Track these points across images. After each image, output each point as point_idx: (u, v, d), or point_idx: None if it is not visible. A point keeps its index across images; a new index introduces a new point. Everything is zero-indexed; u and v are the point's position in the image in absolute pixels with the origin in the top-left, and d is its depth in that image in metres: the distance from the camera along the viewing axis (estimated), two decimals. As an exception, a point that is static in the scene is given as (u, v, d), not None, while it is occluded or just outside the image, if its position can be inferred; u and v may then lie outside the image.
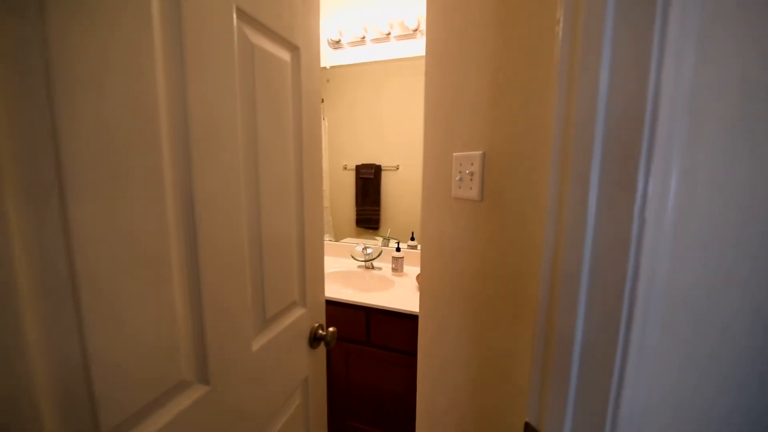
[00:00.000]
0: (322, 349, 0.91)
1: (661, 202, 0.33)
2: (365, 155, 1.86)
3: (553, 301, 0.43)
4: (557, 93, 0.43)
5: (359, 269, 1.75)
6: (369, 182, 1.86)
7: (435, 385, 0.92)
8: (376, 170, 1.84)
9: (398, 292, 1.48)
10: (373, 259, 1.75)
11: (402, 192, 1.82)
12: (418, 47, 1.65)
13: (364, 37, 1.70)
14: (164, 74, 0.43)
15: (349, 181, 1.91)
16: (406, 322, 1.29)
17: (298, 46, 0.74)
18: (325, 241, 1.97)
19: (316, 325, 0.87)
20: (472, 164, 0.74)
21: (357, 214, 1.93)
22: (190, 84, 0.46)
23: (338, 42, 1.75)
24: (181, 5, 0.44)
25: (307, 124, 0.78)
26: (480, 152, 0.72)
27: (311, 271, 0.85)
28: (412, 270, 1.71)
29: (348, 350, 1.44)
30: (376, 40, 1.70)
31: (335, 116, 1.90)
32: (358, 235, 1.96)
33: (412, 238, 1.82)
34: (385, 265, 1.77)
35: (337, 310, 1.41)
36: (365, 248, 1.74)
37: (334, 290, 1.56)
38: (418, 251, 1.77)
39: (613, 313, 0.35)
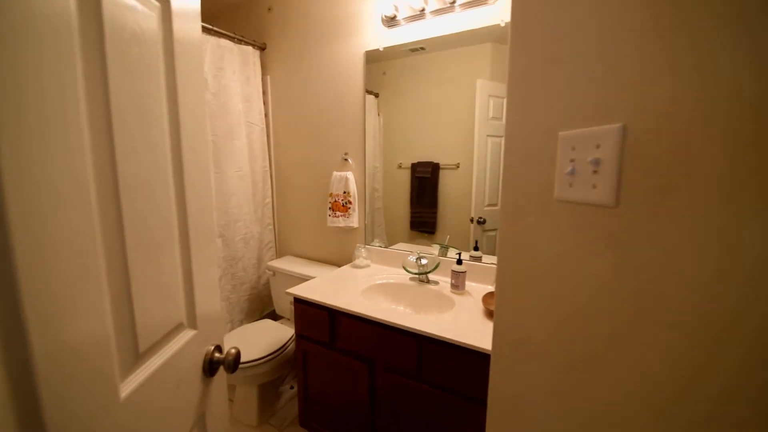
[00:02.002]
0: (222, 375, 0.74)
1: None
2: (422, 152, 1.66)
3: None
4: None
5: (412, 282, 1.50)
6: (425, 182, 1.65)
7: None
8: (433, 169, 1.62)
9: (459, 316, 1.20)
10: (429, 272, 1.48)
11: (463, 194, 1.57)
12: (489, 14, 1.35)
13: (423, 9, 1.45)
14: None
15: (404, 180, 1.71)
16: (469, 358, 1.01)
17: None
18: (375, 248, 1.77)
19: (212, 347, 0.71)
20: (597, 147, 0.45)
21: (411, 217, 1.72)
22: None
23: (393, 18, 1.52)
24: None
25: (185, 98, 0.61)
26: (616, 126, 0.43)
27: (201, 279, 0.67)
28: (476, 288, 1.41)
29: (395, 383, 1.20)
30: (438, 12, 1.44)
31: (390, 111, 1.72)
32: (411, 239, 1.73)
33: (476, 248, 1.52)
34: (442, 279, 1.49)
35: (383, 332, 1.17)
36: (419, 258, 1.48)
37: (383, 309, 1.32)
38: (483, 264, 1.47)
39: None
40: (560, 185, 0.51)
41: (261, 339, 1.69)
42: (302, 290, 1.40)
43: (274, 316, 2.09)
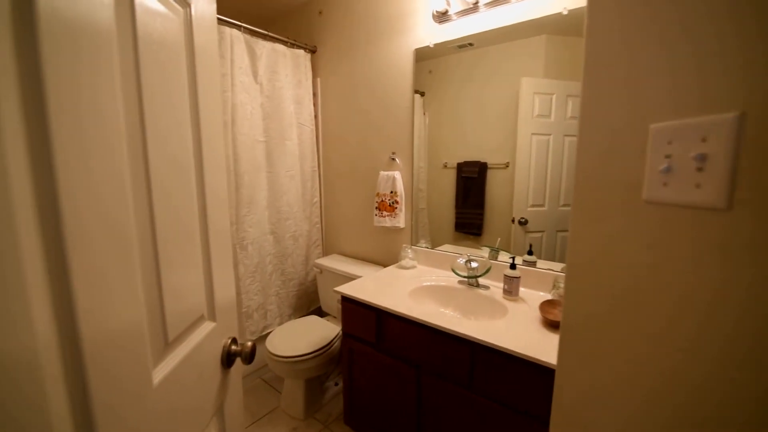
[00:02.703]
0: (238, 366, 0.77)
1: None
2: (468, 152, 1.61)
3: None
4: None
5: (461, 285, 1.45)
6: (472, 182, 1.60)
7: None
8: (480, 168, 1.56)
9: (514, 324, 1.13)
10: (480, 275, 1.42)
11: (508, 194, 1.50)
12: (549, 3, 1.26)
13: (477, 2, 1.39)
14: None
15: (449, 180, 1.67)
16: (528, 370, 0.95)
17: (189, 1, 0.60)
18: (421, 249, 1.74)
19: (229, 340, 0.73)
20: (703, 140, 0.39)
21: (456, 218, 1.68)
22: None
23: (445, 13, 1.48)
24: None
25: (204, 98, 0.64)
26: (732, 115, 0.37)
27: (219, 274, 0.70)
28: (530, 294, 1.33)
29: (444, 390, 1.16)
30: (493, 3, 1.37)
31: (436, 110, 1.69)
32: (456, 241, 1.68)
33: (530, 252, 1.44)
34: (493, 284, 1.43)
35: (432, 336, 1.14)
36: (469, 261, 1.43)
37: (431, 311, 1.29)
38: (538, 270, 1.38)
39: None
40: (651, 184, 0.45)
41: (308, 335, 1.73)
42: (350, 289, 1.41)
43: (320, 313, 2.14)
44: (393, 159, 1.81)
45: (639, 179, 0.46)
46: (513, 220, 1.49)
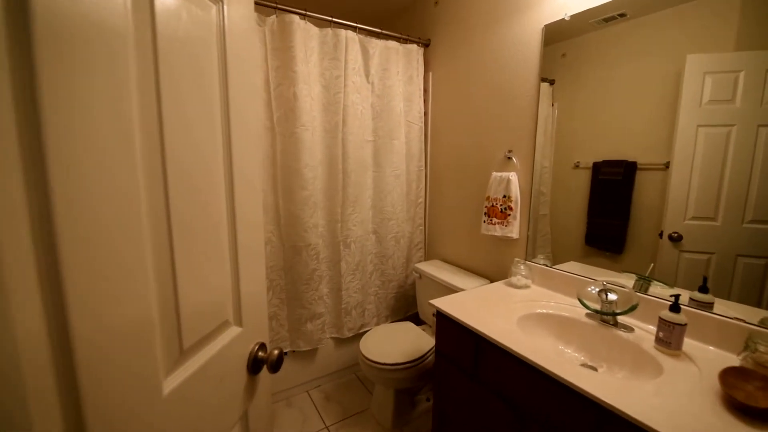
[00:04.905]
0: (266, 373, 0.73)
1: None
2: (609, 149, 1.28)
3: None
4: None
5: (590, 320, 1.13)
6: (613, 186, 1.27)
7: None
8: (626, 169, 1.22)
9: (671, 393, 0.79)
10: (621, 313, 1.09)
11: (664, 202, 1.13)
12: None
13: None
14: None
15: (581, 183, 1.37)
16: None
17: None
18: (538, 266, 1.46)
19: (256, 345, 0.70)
20: None
21: (588, 228, 1.36)
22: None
23: (589, -26, 1.18)
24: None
25: (235, 95, 0.61)
26: None
27: (247, 275, 0.66)
28: (701, 351, 0.94)
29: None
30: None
31: (568, 100, 1.39)
32: (585, 257, 1.37)
33: (704, 288, 1.03)
34: (639, 325, 1.07)
35: (543, 384, 0.90)
36: (604, 291, 1.11)
37: (546, 349, 1.05)
38: (715, 317, 0.97)
39: None
40: None
41: (402, 343, 1.65)
42: (447, 304, 1.26)
43: (417, 320, 2.04)
44: (509, 158, 1.57)
45: None
46: (661, 235, 1.13)
